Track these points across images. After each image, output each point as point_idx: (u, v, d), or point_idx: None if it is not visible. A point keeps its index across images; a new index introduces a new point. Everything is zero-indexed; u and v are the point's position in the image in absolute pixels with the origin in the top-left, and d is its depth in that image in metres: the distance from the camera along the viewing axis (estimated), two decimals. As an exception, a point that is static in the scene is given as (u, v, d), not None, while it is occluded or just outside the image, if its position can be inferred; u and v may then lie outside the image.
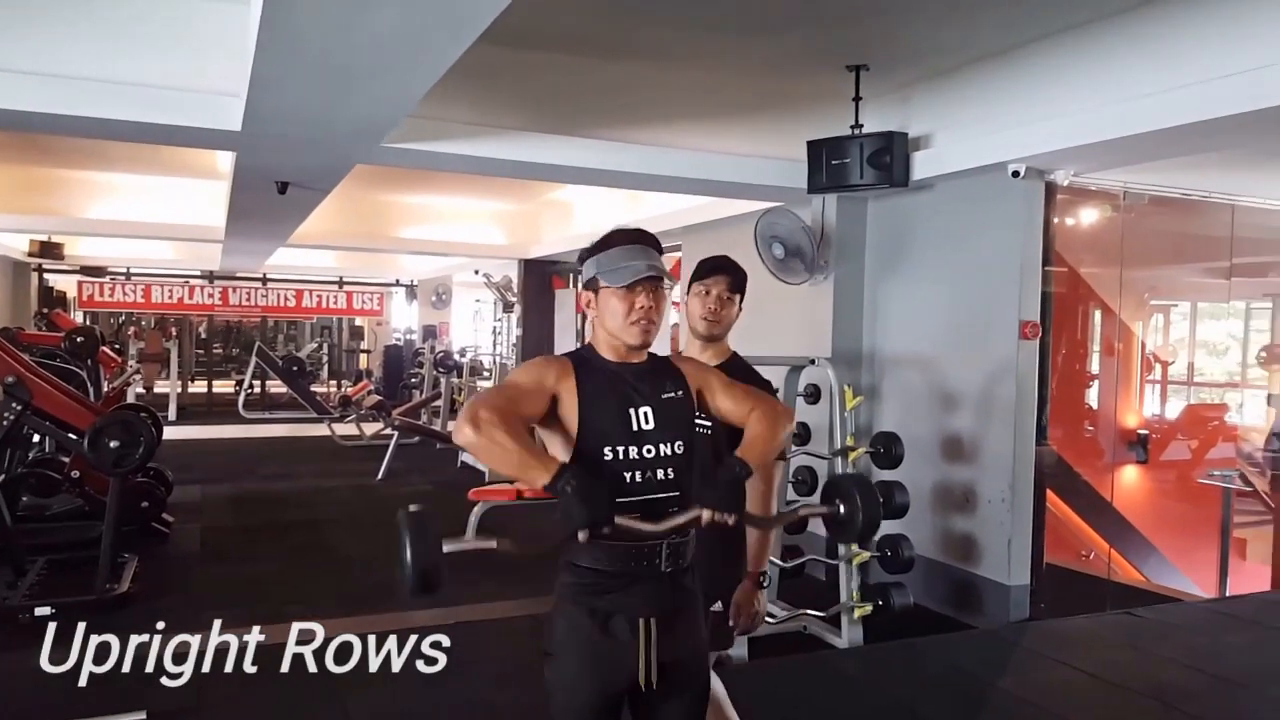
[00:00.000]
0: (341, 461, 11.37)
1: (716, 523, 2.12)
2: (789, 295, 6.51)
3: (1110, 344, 7.54)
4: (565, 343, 12.01)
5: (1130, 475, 7.21)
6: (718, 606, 2.76)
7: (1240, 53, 4.06)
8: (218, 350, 21.15)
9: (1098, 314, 7.32)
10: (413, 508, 1.99)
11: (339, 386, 18.15)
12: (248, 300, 17.41)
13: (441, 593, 1.96)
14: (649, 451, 2.20)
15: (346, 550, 7.11)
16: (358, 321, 20.13)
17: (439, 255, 13.82)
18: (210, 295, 17.13)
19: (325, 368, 19.76)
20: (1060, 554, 6.19)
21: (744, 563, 2.84)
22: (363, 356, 20.19)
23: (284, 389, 15.29)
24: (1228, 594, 6.58)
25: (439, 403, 12.42)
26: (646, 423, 2.21)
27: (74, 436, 5.81)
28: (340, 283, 17.97)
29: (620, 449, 2.18)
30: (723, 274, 2.88)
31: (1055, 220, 5.69)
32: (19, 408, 5.58)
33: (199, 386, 18.33)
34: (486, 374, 13.63)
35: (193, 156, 8.84)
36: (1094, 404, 7.49)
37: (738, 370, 2.93)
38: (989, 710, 4.19)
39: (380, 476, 9.95)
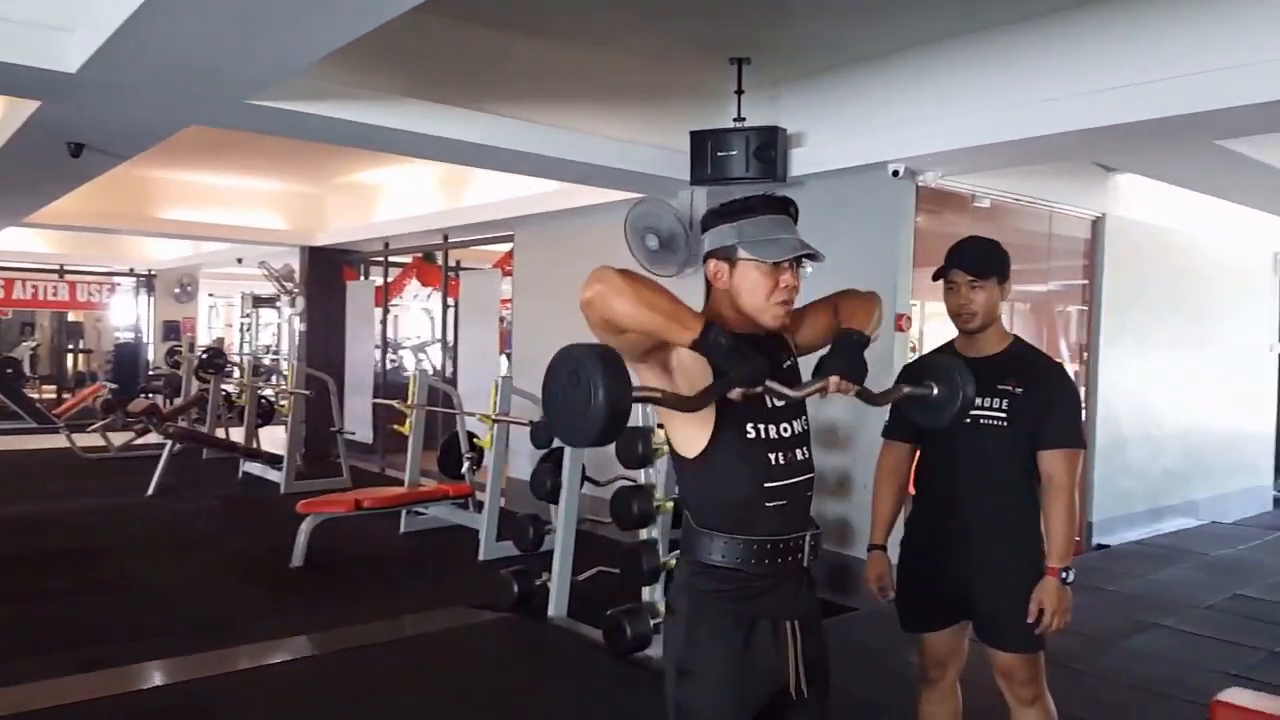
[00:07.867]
0: (92, 477, 9.92)
1: (840, 390, 2.02)
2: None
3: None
4: (360, 340, 11.13)
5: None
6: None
7: (1103, 71, 4.42)
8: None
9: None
10: None
11: (57, 392, 16.13)
12: (-60, 291, 14.98)
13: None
14: (785, 430, 2.05)
15: (145, 580, 6.16)
16: (71, 317, 17.77)
17: (209, 240, 12.14)
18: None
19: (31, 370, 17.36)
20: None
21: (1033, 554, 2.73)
22: (82, 357, 17.90)
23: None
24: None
25: (195, 407, 11.16)
26: (778, 399, 2.04)
27: None
28: (61, 272, 15.81)
29: (761, 427, 2.01)
30: (957, 267, 2.74)
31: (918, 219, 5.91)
32: None
33: None
34: (284, 376, 12.18)
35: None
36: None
37: (1023, 354, 2.81)
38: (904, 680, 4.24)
39: (151, 492, 8.73)
